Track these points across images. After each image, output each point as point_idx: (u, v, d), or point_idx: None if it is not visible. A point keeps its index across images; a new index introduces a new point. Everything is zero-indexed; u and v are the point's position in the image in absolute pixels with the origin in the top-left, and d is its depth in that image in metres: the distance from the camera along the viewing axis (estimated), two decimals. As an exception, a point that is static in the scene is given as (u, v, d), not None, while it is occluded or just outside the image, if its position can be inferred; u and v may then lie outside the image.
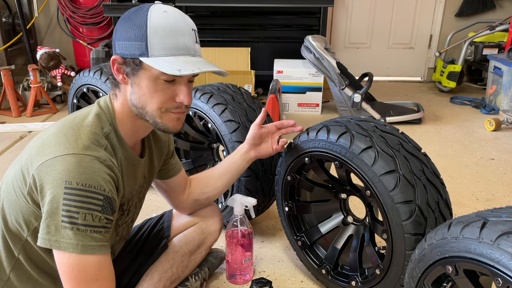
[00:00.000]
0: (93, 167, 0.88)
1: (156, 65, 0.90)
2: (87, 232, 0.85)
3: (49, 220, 0.85)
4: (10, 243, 0.97)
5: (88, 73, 2.03)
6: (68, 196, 0.84)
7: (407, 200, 1.08)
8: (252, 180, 1.54)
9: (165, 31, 0.91)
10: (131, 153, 1.04)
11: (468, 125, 3.15)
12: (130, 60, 0.94)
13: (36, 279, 1.00)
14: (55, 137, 0.91)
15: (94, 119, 0.97)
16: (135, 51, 0.92)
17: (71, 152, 0.87)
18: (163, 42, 0.91)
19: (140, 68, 0.93)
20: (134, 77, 0.95)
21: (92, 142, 0.92)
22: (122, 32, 0.94)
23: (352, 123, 1.24)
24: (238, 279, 1.46)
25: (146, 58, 0.92)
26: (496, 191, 2.15)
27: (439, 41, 4.33)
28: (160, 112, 0.97)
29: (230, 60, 3.42)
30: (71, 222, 0.84)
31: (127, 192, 1.06)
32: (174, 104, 0.97)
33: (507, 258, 0.74)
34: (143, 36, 0.91)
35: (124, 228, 1.14)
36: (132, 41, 0.92)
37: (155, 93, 0.95)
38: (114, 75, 0.98)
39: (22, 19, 3.63)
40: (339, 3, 4.23)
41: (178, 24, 0.93)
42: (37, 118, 3.28)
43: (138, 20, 0.92)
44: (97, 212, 0.87)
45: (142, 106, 0.97)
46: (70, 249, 0.85)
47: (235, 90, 1.66)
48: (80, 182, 0.85)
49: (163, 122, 0.98)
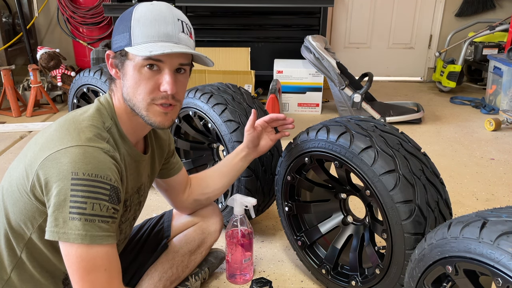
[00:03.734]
0: (98, 157, 0.88)
1: (135, 51, 0.92)
2: (95, 222, 0.85)
3: (57, 213, 0.85)
4: (13, 242, 0.97)
5: (88, 73, 2.03)
6: (75, 187, 0.84)
7: (406, 199, 1.08)
8: (252, 180, 1.54)
9: (147, 19, 0.93)
10: (134, 148, 1.04)
11: (468, 125, 3.15)
12: (118, 53, 0.97)
13: (37, 278, 1.00)
14: (57, 132, 0.91)
15: (95, 114, 0.98)
16: (122, 42, 0.95)
17: (74, 144, 0.88)
18: (144, 30, 0.93)
19: (126, 58, 0.96)
20: (123, 69, 0.97)
21: (95, 134, 0.92)
22: (115, 29, 0.98)
23: (352, 123, 1.24)
24: (238, 279, 1.46)
25: (129, 47, 0.94)
26: (496, 191, 2.15)
27: (439, 41, 4.33)
28: (146, 103, 0.96)
29: (230, 60, 3.42)
30: (79, 213, 0.84)
31: (129, 187, 1.06)
32: (159, 94, 0.96)
33: (507, 258, 0.74)
34: (128, 27, 0.94)
35: (127, 226, 1.14)
36: (119, 34, 0.96)
37: (140, 82, 0.95)
38: (109, 71, 1.01)
39: (22, 19, 3.63)
40: (339, 3, 4.23)
41: (161, 13, 0.94)
42: (37, 118, 3.28)
43: (125, 14, 0.96)
44: (105, 202, 0.87)
45: (130, 98, 0.97)
46: (79, 240, 0.84)
47: (235, 90, 1.66)
48: (86, 172, 0.85)
49: (149, 116, 0.98)
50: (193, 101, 1.63)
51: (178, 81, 0.98)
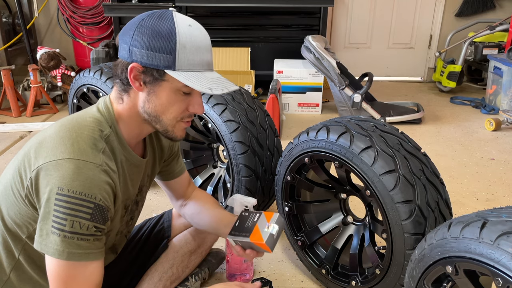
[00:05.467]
0: (87, 174, 0.87)
1: (185, 80, 0.91)
2: (73, 239, 0.85)
3: (42, 223, 0.86)
4: (11, 244, 0.97)
5: (88, 73, 2.03)
6: (59, 202, 0.85)
7: (406, 199, 1.08)
8: (252, 180, 1.54)
9: (193, 47, 0.93)
10: (133, 154, 1.04)
11: (468, 125, 3.15)
12: (152, 70, 0.92)
13: (36, 280, 1.00)
14: (52, 140, 0.90)
15: (92, 122, 0.96)
16: (161, 62, 0.91)
17: (66, 157, 0.87)
18: (191, 58, 0.92)
19: (163, 79, 0.93)
20: (154, 87, 0.94)
21: (89, 146, 0.91)
22: (144, 40, 0.91)
23: (352, 123, 1.24)
24: (238, 279, 1.46)
25: (172, 71, 0.91)
26: (496, 191, 2.15)
27: (439, 41, 4.33)
28: (175, 122, 0.99)
29: (230, 60, 3.42)
30: (59, 229, 0.85)
31: (131, 192, 1.07)
32: (187, 113, 1.00)
33: (507, 258, 0.74)
34: (172, 49, 0.90)
35: (123, 225, 1.14)
36: (158, 52, 0.91)
37: (174, 103, 0.96)
38: (130, 81, 0.94)
39: (22, 19, 3.62)
40: (339, 3, 4.23)
41: (203, 41, 0.95)
42: (37, 118, 3.28)
43: (165, 32, 0.90)
44: (85, 220, 0.86)
45: (157, 115, 0.97)
46: (56, 255, 0.85)
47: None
48: (71, 189, 0.85)
49: (174, 131, 1.01)
50: (193, 101, 1.63)
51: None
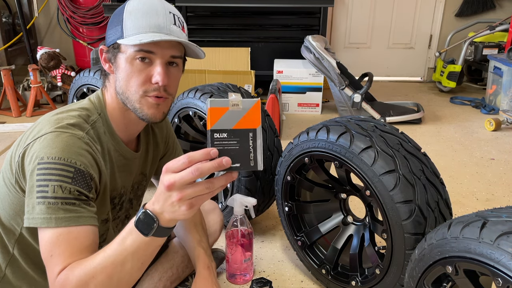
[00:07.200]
0: (67, 141, 0.88)
1: (126, 41, 0.92)
2: (58, 204, 0.83)
3: (27, 199, 0.86)
4: (4, 239, 0.98)
5: (88, 73, 2.03)
6: (40, 171, 0.84)
7: (406, 199, 1.08)
8: (252, 180, 1.54)
9: (139, 12, 0.94)
10: (122, 145, 1.04)
11: (468, 125, 3.15)
12: (111, 47, 0.97)
13: (31, 275, 1.00)
14: (38, 124, 0.94)
15: (80, 109, 0.99)
16: (114, 36, 0.96)
17: (48, 131, 0.89)
18: (136, 22, 0.93)
19: (118, 51, 0.96)
20: (115, 62, 0.97)
21: (73, 124, 0.92)
22: (108, 24, 0.99)
23: (352, 123, 1.24)
24: (238, 279, 1.46)
25: (121, 39, 0.94)
26: (496, 191, 2.15)
27: (439, 41, 4.33)
28: (138, 95, 0.96)
29: (230, 60, 3.42)
30: (43, 197, 0.83)
31: (119, 185, 1.06)
32: (151, 86, 0.96)
33: (507, 258, 0.74)
34: (120, 20, 0.95)
35: (119, 224, 1.13)
36: (112, 28, 0.97)
37: (132, 74, 0.95)
38: (103, 65, 1.01)
39: (22, 19, 3.62)
40: (339, 3, 4.23)
41: (153, 6, 0.95)
42: (37, 118, 3.25)
43: (118, 10, 0.97)
44: (66, 184, 0.84)
45: (123, 91, 0.97)
46: (45, 224, 0.82)
47: (235, 90, 1.66)
48: (51, 155, 0.85)
49: (142, 108, 0.97)
50: (193, 101, 1.63)
51: (170, 74, 0.97)
